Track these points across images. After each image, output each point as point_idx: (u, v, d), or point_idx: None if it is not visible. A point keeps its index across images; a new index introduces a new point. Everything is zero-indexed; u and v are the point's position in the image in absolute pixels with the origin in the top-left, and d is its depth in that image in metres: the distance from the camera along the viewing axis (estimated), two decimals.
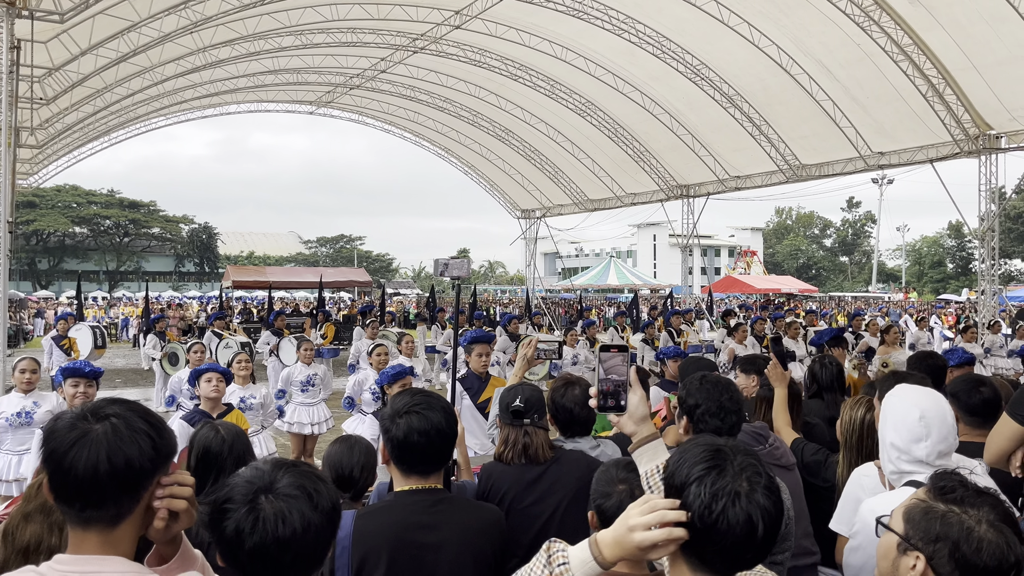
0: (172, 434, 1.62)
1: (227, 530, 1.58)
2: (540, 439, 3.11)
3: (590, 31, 18.81)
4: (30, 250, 65.89)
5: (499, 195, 33.09)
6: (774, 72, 18.10)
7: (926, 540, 1.65)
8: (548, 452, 3.11)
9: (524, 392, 3.18)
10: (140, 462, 1.50)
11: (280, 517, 1.57)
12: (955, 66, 15.84)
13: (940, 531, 1.63)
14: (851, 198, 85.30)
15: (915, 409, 2.50)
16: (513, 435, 3.12)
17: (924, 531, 1.66)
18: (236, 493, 1.62)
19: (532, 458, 3.08)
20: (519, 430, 3.11)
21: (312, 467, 1.74)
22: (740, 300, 45.21)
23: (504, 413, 3.16)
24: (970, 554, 1.59)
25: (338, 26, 19.81)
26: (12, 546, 2.18)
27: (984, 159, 17.62)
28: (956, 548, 1.60)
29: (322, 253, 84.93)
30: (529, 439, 3.10)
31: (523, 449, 3.08)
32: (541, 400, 3.21)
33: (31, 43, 13.89)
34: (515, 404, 3.12)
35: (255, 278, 36.84)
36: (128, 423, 1.53)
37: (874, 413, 3.45)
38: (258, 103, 28.33)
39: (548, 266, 74.45)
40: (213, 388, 5.69)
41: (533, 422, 3.12)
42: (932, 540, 1.64)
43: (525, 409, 3.11)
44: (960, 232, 67.74)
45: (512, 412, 3.12)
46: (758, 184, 22.83)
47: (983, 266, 18.46)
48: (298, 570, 1.62)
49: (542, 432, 3.14)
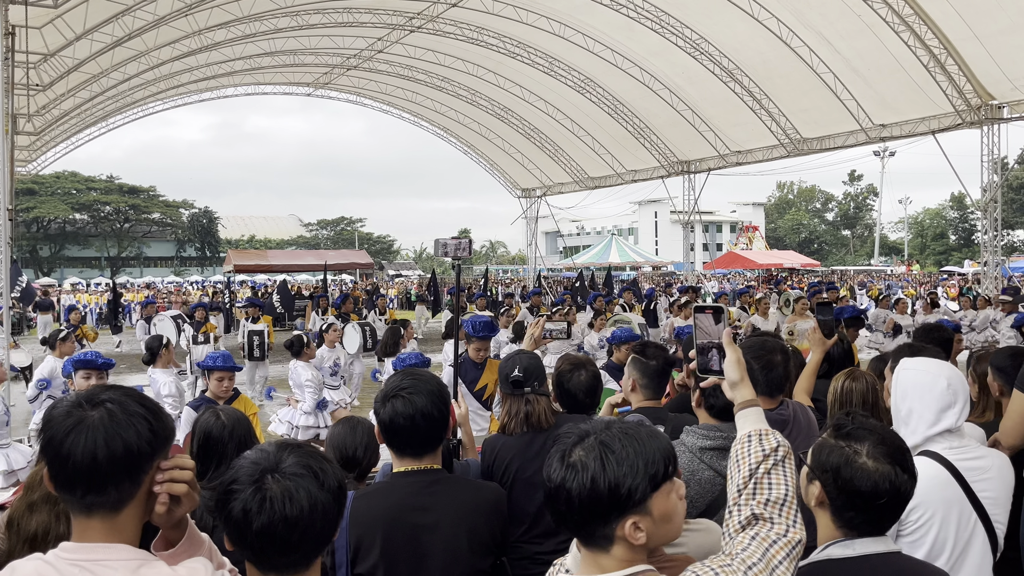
0: (169, 418, 1.62)
1: (234, 511, 1.58)
2: (542, 406, 3.11)
3: (588, 6, 18.64)
4: (31, 237, 65.88)
5: (499, 174, 32.98)
6: (774, 45, 17.95)
7: (821, 470, 1.92)
8: (551, 418, 3.11)
9: (522, 361, 3.17)
10: (138, 445, 1.51)
11: (287, 496, 1.57)
12: (956, 36, 15.70)
13: (827, 461, 1.91)
14: (853, 171, 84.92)
15: (942, 379, 2.54)
16: (515, 405, 3.12)
17: (819, 462, 1.93)
18: (242, 474, 1.61)
19: (535, 426, 3.09)
20: (520, 399, 3.11)
21: (316, 448, 1.74)
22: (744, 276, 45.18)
23: (504, 383, 3.16)
24: (846, 480, 1.86)
25: (334, 6, 19.67)
26: (18, 536, 2.18)
27: (986, 129, 17.52)
28: (837, 475, 1.88)
29: (323, 236, 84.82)
30: (531, 407, 3.10)
31: (525, 418, 3.08)
32: (540, 367, 3.20)
33: (26, 29, 13.79)
34: (514, 374, 3.10)
35: (257, 262, 36.85)
36: (124, 408, 1.53)
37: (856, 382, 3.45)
38: (255, 85, 28.20)
39: (549, 245, 74.28)
40: (224, 389, 5.64)
41: (534, 390, 3.11)
42: (823, 469, 1.92)
43: (524, 378, 3.10)
44: (962, 203, 67.52)
45: (512, 382, 3.11)
46: (759, 159, 22.74)
47: (986, 237, 18.41)
48: (306, 550, 1.61)
49: (543, 399, 3.13)
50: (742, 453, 1.68)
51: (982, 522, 2.44)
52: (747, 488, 1.61)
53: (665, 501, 1.56)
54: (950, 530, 2.40)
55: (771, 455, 1.64)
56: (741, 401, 1.81)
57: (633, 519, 1.51)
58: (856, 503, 1.87)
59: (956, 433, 2.53)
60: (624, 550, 1.54)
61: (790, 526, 1.57)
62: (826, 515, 1.93)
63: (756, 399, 1.81)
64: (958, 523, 2.41)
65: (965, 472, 2.46)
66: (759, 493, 1.60)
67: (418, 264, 75.63)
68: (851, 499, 1.87)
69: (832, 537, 1.92)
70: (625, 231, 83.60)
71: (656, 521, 1.54)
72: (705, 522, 2.29)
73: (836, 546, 1.90)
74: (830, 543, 1.92)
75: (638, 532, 1.52)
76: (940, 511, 2.39)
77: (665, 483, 1.56)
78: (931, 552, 2.36)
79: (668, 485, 1.57)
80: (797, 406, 3.29)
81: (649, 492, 1.52)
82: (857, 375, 3.53)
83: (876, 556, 1.88)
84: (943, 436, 2.50)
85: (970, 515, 2.44)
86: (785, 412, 3.23)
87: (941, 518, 2.39)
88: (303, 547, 1.60)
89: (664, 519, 1.56)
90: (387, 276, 54.76)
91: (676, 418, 3.37)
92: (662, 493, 1.55)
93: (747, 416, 1.77)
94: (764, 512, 1.57)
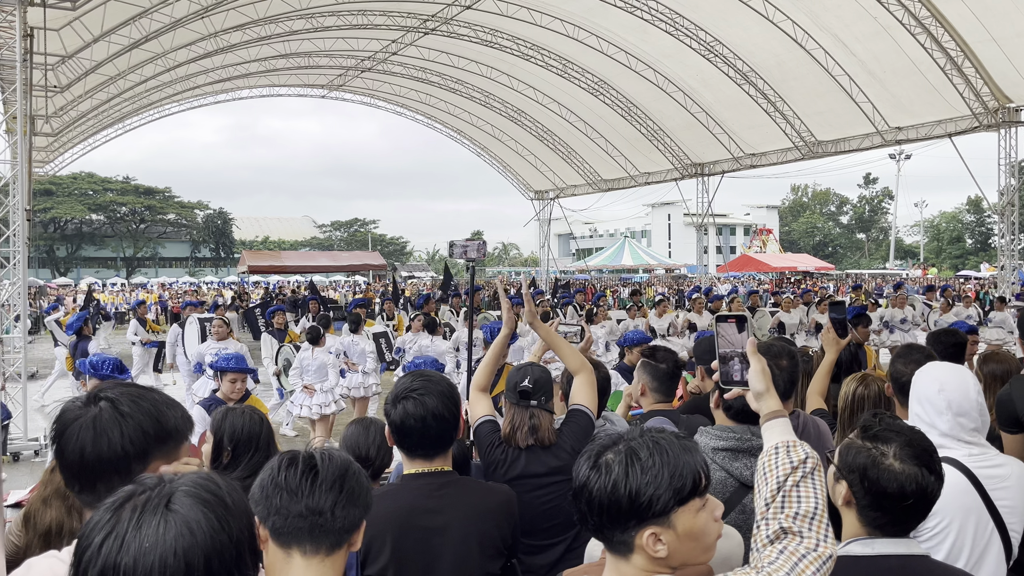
0: (169, 417, 1.60)
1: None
2: (547, 422, 3.03)
3: (602, 8, 18.63)
4: (48, 238, 66.47)
5: (512, 176, 32.99)
6: (789, 47, 17.88)
7: (848, 470, 1.94)
8: (553, 436, 3.03)
9: (534, 373, 3.06)
10: (122, 445, 1.50)
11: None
12: (974, 38, 15.58)
13: (855, 462, 1.93)
14: (868, 174, 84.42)
15: (935, 383, 2.53)
16: (520, 416, 3.03)
17: (847, 463, 1.95)
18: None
19: (540, 441, 3.00)
20: (525, 411, 3.02)
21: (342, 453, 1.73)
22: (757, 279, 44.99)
23: (511, 392, 3.06)
24: (874, 481, 1.88)
25: (348, 8, 19.75)
26: (34, 530, 2.21)
27: (1003, 132, 17.39)
28: (864, 475, 1.89)
29: (336, 237, 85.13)
30: (536, 421, 3.00)
31: (531, 431, 2.99)
32: (550, 383, 3.11)
33: (44, 31, 13.93)
34: (524, 384, 3.01)
35: (271, 263, 37.05)
36: (115, 407, 1.54)
37: (868, 389, 3.43)
38: (270, 87, 28.33)
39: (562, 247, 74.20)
40: (236, 390, 5.61)
41: (540, 404, 3.02)
42: (850, 470, 1.93)
43: (533, 390, 3.01)
44: (979, 207, 66.91)
45: (520, 392, 3.01)
46: (773, 161, 22.64)
47: (1003, 241, 18.25)
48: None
49: (548, 416, 3.04)
50: (770, 465, 1.63)
51: (998, 531, 2.43)
52: (775, 501, 1.56)
53: (692, 518, 1.51)
54: (967, 538, 2.38)
55: (799, 467, 1.60)
56: (767, 412, 1.77)
57: (653, 530, 1.49)
58: (882, 504, 1.88)
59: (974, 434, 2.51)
60: (644, 560, 1.51)
61: (821, 540, 1.51)
62: (852, 514, 1.95)
63: (783, 410, 1.78)
64: (975, 531, 2.39)
65: (984, 480, 2.44)
66: (788, 506, 1.55)
67: (431, 266, 75.71)
68: (877, 500, 1.89)
69: (856, 535, 1.94)
70: (638, 234, 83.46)
71: (680, 537, 1.50)
72: (726, 528, 2.28)
73: (856, 543, 1.92)
74: (851, 540, 1.93)
75: (658, 544, 1.49)
76: (958, 518, 2.37)
77: (693, 499, 1.51)
78: (946, 559, 2.34)
79: (697, 502, 1.52)
80: (809, 418, 3.24)
81: (673, 505, 1.49)
82: (869, 381, 3.49)
83: (894, 557, 1.88)
84: (962, 442, 2.48)
85: (987, 523, 2.41)
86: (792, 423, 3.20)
87: (959, 526, 2.37)
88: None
89: (690, 536, 1.51)
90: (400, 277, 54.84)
91: (689, 419, 3.35)
92: (689, 509, 1.51)
93: (774, 427, 1.74)
94: (793, 526, 1.52)
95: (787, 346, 3.26)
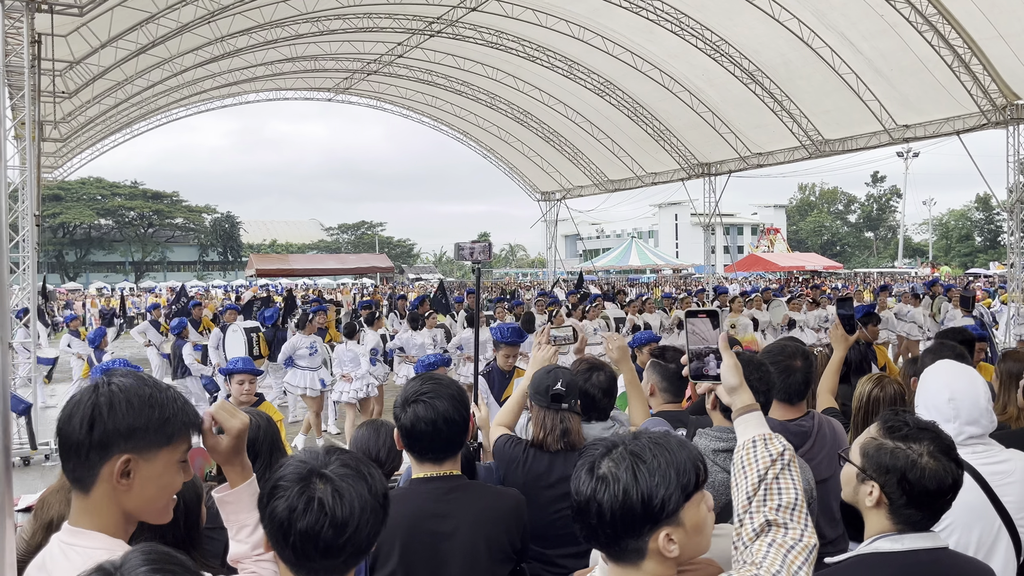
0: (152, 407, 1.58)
1: (278, 510, 1.54)
2: (576, 424, 3.03)
3: (607, 9, 18.61)
4: (57, 243, 66.87)
5: (519, 178, 32.99)
6: (795, 46, 17.82)
7: (879, 471, 1.94)
8: (582, 438, 3.02)
9: (564, 376, 3.06)
10: (79, 427, 1.54)
11: (337, 496, 1.53)
12: (981, 35, 15.50)
13: (890, 463, 1.93)
14: (876, 172, 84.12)
15: (945, 390, 2.54)
16: (551, 420, 3.02)
17: (877, 464, 1.95)
18: (288, 472, 1.58)
19: (571, 444, 2.99)
20: (556, 414, 3.01)
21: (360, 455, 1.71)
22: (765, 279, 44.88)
23: (542, 396, 3.03)
24: (915, 481, 1.90)
25: (354, 11, 19.79)
26: (39, 520, 2.24)
27: (1012, 129, 17.29)
28: (903, 477, 1.91)
29: (344, 240, 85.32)
30: (568, 424, 3.01)
31: (562, 434, 2.99)
32: (577, 385, 3.13)
33: (51, 37, 13.99)
34: (556, 387, 3.00)
35: (279, 266, 37.14)
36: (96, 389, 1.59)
37: (883, 391, 3.41)
38: (276, 91, 28.41)
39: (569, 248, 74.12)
40: (245, 392, 5.62)
41: (571, 407, 3.02)
42: (884, 471, 1.94)
43: (566, 393, 3.01)
44: (988, 205, 66.64)
45: (552, 396, 3.00)
46: (780, 161, 22.57)
47: (1012, 239, 18.14)
48: (348, 554, 1.56)
49: (576, 418, 3.05)
50: (748, 459, 1.65)
51: (1006, 526, 2.42)
52: (757, 495, 1.59)
53: (696, 512, 1.54)
54: (972, 536, 2.39)
55: (778, 460, 1.63)
56: (741, 406, 1.78)
57: (666, 531, 1.49)
58: (922, 502, 1.91)
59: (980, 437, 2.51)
60: (656, 564, 1.51)
61: (803, 530, 1.56)
62: (882, 514, 1.96)
63: (755, 403, 1.78)
64: (981, 529, 2.40)
65: (989, 477, 2.45)
66: (770, 499, 1.58)
67: (438, 268, 75.82)
68: (916, 499, 1.91)
69: (882, 532, 1.96)
70: (645, 234, 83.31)
71: (689, 532, 1.52)
72: (727, 527, 2.28)
73: (884, 540, 1.94)
74: (878, 536, 1.96)
75: (671, 544, 1.49)
76: (962, 517, 2.37)
77: (696, 493, 1.53)
78: None
79: (698, 495, 1.54)
80: (824, 419, 3.21)
81: (682, 502, 1.50)
82: (885, 383, 3.47)
83: (924, 551, 1.92)
84: (967, 441, 2.48)
85: (993, 520, 2.42)
86: (806, 424, 3.13)
87: (963, 524, 2.38)
88: (346, 550, 1.55)
89: (696, 530, 1.53)
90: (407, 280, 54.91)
91: (698, 420, 3.34)
92: (693, 503, 1.53)
93: (747, 421, 1.74)
94: (777, 518, 1.56)
95: (800, 346, 3.22)
